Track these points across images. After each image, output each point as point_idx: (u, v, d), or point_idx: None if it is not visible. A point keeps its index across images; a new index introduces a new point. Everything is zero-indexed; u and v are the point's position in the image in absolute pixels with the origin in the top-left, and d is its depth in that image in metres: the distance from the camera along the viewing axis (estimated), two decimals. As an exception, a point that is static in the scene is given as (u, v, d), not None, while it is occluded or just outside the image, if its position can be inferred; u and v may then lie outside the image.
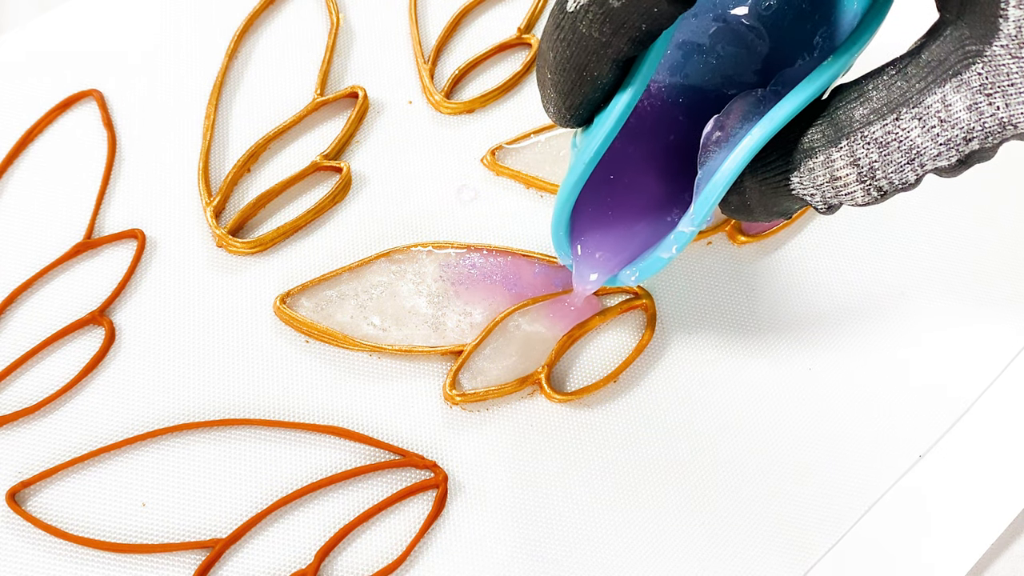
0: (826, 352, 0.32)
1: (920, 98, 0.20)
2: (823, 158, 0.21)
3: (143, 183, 0.34)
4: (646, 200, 0.27)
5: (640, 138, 0.27)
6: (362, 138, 0.35)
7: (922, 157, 0.20)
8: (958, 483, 0.30)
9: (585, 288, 0.28)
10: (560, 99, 0.22)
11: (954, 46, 0.20)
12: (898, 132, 0.20)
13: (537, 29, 0.37)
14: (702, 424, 0.31)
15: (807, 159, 0.22)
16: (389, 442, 0.30)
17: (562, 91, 0.22)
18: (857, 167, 0.21)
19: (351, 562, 0.29)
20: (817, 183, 0.22)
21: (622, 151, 0.27)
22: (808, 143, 0.22)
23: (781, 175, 0.22)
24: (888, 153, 0.21)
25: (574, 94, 0.22)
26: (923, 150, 0.20)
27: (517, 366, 0.31)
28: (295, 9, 0.37)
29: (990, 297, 0.33)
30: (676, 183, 0.26)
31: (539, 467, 0.30)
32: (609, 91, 0.22)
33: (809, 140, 0.22)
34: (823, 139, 0.21)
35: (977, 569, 0.30)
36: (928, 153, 0.20)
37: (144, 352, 0.31)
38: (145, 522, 0.29)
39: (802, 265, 0.33)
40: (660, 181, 0.27)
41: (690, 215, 0.24)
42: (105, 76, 0.36)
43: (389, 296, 0.32)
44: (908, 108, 0.20)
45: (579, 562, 0.29)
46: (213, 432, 0.30)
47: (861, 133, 0.21)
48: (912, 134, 0.20)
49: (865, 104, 0.21)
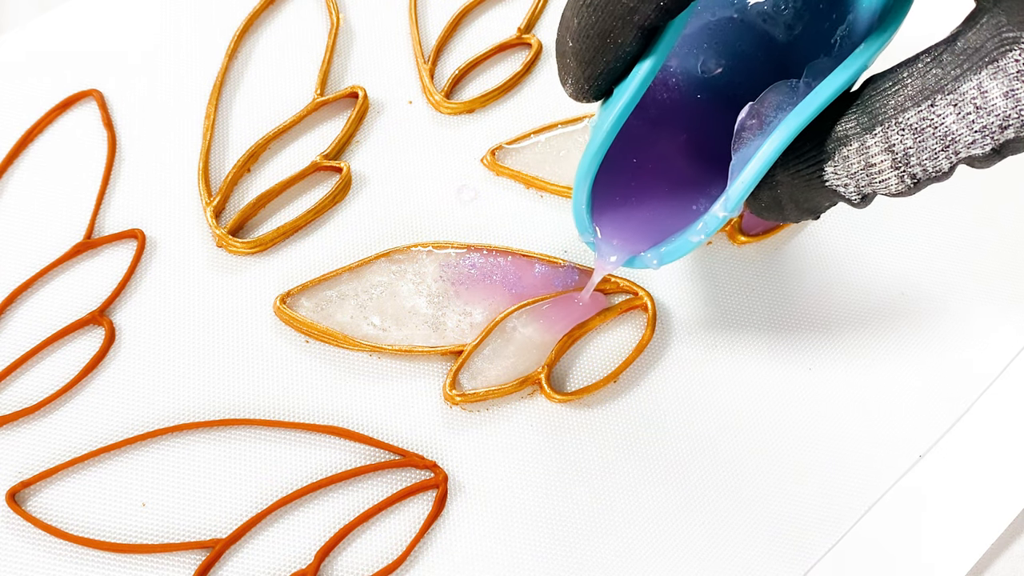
0: (826, 352, 0.32)
1: (955, 85, 0.20)
2: (857, 145, 0.22)
3: (143, 183, 0.34)
4: (669, 187, 0.27)
5: (662, 127, 0.27)
6: (362, 138, 0.35)
7: (956, 144, 0.20)
8: (958, 483, 0.30)
9: (606, 268, 0.27)
10: (580, 68, 0.22)
11: (991, 33, 0.20)
12: (933, 118, 0.20)
13: (537, 29, 0.37)
14: (702, 424, 0.31)
15: (842, 147, 0.22)
16: (389, 442, 0.30)
17: (583, 59, 0.22)
18: (892, 153, 0.21)
19: (351, 562, 0.29)
20: (852, 171, 0.22)
21: (645, 137, 0.27)
22: (842, 131, 0.22)
23: (815, 166, 0.22)
24: (923, 139, 0.21)
25: (595, 62, 0.22)
26: (958, 137, 0.20)
27: (517, 366, 0.31)
28: (295, 9, 0.37)
29: (990, 297, 0.33)
30: (699, 173, 0.27)
31: (539, 467, 0.30)
32: (630, 63, 0.22)
33: (843, 128, 0.22)
34: (858, 127, 0.22)
35: (977, 569, 0.30)
36: (963, 140, 0.20)
37: (144, 352, 0.31)
38: (145, 522, 0.29)
39: (802, 265, 0.33)
40: (683, 170, 0.27)
41: (724, 199, 0.23)
42: (105, 76, 0.36)
43: (389, 296, 0.32)
44: (943, 95, 0.20)
45: (579, 562, 0.29)
46: (213, 432, 0.30)
47: (896, 119, 0.21)
48: (947, 120, 0.20)
49: (900, 91, 0.21)
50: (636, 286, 0.32)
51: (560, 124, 0.35)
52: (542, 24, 0.38)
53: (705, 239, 0.24)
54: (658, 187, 0.27)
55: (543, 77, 0.36)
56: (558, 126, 0.35)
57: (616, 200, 0.27)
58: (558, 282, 0.32)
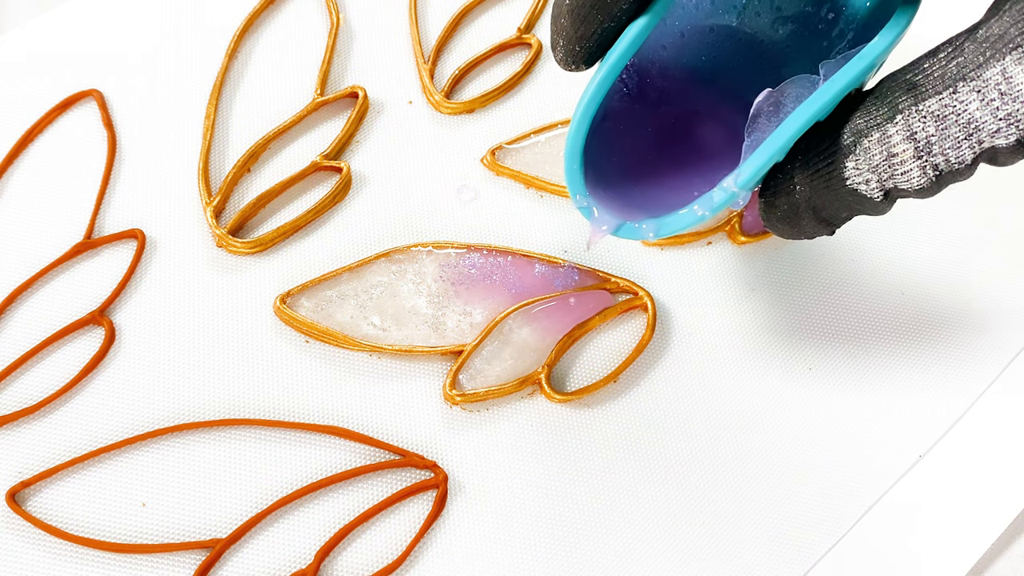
0: (826, 352, 0.32)
1: (979, 72, 0.20)
2: (879, 135, 0.21)
3: (143, 183, 0.34)
4: (667, 171, 0.27)
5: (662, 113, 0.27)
6: (362, 138, 0.35)
7: (980, 133, 0.20)
8: (958, 483, 0.30)
9: (599, 234, 0.26)
10: (574, 27, 0.23)
11: (1013, 19, 0.20)
12: (956, 105, 0.20)
13: (537, 29, 0.37)
14: (702, 424, 0.31)
15: (862, 138, 0.22)
16: (389, 442, 0.30)
17: (578, 16, 0.22)
18: (914, 141, 0.21)
19: (351, 562, 0.29)
20: (873, 163, 0.22)
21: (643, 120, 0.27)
22: (863, 123, 0.22)
23: (835, 162, 0.22)
24: (946, 127, 0.20)
25: (590, 20, 0.22)
26: (982, 124, 0.20)
27: (517, 366, 0.31)
28: (295, 9, 0.37)
29: (990, 297, 0.33)
30: (699, 161, 0.26)
31: (539, 467, 0.30)
32: (622, 26, 0.23)
33: (864, 120, 0.22)
34: (879, 116, 0.21)
35: (977, 569, 0.30)
36: (986, 128, 0.20)
37: (144, 352, 0.31)
38: (145, 522, 0.29)
39: (802, 265, 0.33)
40: (682, 156, 0.27)
41: (736, 174, 0.23)
42: (105, 76, 0.36)
43: (389, 296, 0.32)
44: (966, 82, 0.20)
45: (579, 562, 0.29)
46: (213, 432, 0.30)
47: (917, 107, 0.21)
48: (970, 107, 0.20)
49: (921, 80, 0.21)
50: (636, 286, 0.32)
51: (560, 124, 0.35)
52: (542, 24, 0.38)
53: (709, 215, 0.23)
54: (656, 170, 0.26)
55: (543, 77, 0.36)
56: (558, 126, 0.35)
57: (612, 176, 0.26)
58: (558, 282, 0.32)
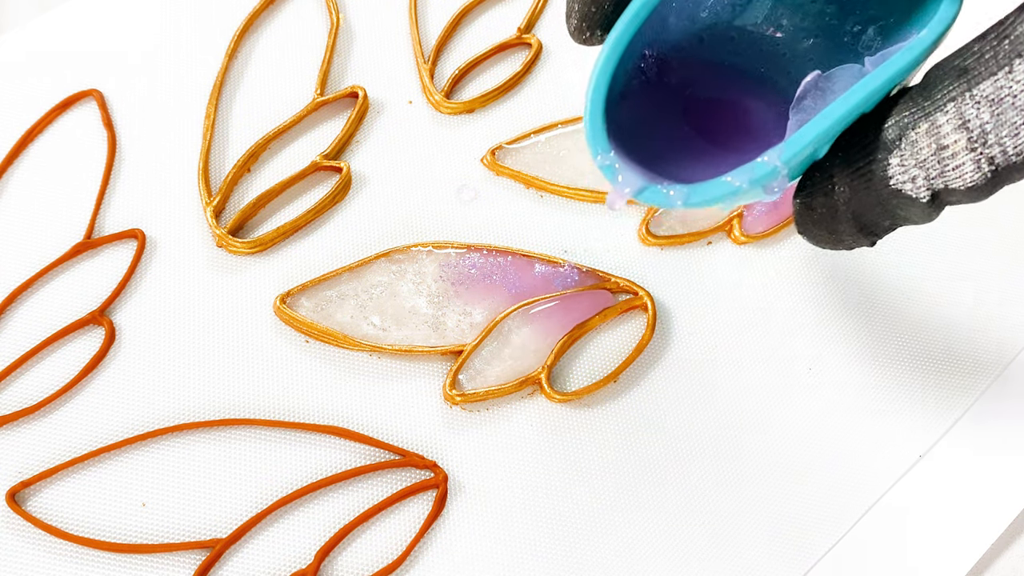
0: (826, 352, 0.32)
1: None
2: (927, 126, 0.20)
3: (143, 183, 0.34)
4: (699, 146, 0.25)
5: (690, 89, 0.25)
6: (362, 138, 0.35)
7: None
8: (958, 483, 0.30)
9: (622, 197, 0.23)
10: None
11: None
12: (1012, 86, 0.18)
13: (537, 29, 0.37)
14: (702, 424, 0.31)
15: (908, 131, 0.20)
16: (389, 442, 0.30)
17: None
18: (967, 131, 0.19)
19: (351, 562, 0.29)
20: (921, 158, 0.20)
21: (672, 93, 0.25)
22: (909, 114, 0.20)
23: (878, 159, 0.20)
24: (1001, 112, 0.19)
25: None
26: None
27: (517, 366, 0.31)
28: (295, 9, 0.37)
29: (990, 297, 0.33)
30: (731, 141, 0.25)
31: (539, 467, 0.30)
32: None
33: (910, 111, 0.20)
34: (927, 106, 0.20)
35: (977, 569, 0.30)
36: None
37: (144, 352, 0.31)
38: (145, 522, 0.29)
39: (802, 265, 0.33)
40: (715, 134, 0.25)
41: (780, 149, 0.21)
42: (105, 76, 0.36)
43: (389, 296, 0.32)
44: (1022, 58, 0.18)
45: (579, 562, 0.29)
46: (213, 432, 0.30)
47: (969, 92, 0.19)
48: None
49: (972, 65, 0.19)
50: (636, 286, 0.32)
51: (560, 124, 0.35)
52: (542, 24, 0.38)
53: (745, 187, 0.21)
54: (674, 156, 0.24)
55: (543, 77, 0.36)
56: (558, 126, 0.35)
57: (637, 141, 0.24)
58: (558, 282, 0.32)
